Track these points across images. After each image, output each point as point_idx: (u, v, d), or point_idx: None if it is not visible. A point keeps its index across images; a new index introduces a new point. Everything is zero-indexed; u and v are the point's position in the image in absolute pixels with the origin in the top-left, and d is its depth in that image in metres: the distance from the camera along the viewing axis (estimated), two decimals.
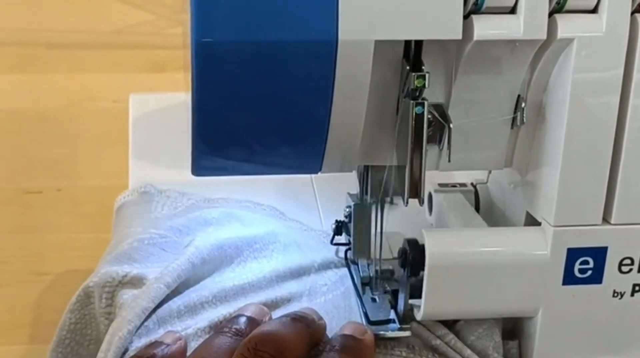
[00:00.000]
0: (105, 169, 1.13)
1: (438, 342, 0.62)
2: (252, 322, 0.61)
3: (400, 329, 0.62)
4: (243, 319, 0.61)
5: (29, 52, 1.34)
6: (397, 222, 0.68)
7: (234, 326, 0.60)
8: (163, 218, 0.75)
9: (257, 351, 0.54)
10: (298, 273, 0.69)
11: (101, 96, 1.27)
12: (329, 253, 0.72)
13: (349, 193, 0.69)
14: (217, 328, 0.62)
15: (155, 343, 0.61)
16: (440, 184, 0.73)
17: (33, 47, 1.35)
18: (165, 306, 0.65)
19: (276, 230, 0.73)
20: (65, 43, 1.37)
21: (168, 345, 0.60)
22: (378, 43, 0.53)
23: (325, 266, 0.70)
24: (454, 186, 0.73)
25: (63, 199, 1.10)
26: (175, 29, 1.31)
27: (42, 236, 1.06)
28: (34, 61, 1.33)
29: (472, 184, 0.73)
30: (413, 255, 0.60)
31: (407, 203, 0.58)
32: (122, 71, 1.31)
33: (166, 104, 0.90)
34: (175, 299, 0.65)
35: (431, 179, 0.73)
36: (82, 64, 1.32)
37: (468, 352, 0.62)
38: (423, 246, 0.60)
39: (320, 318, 0.62)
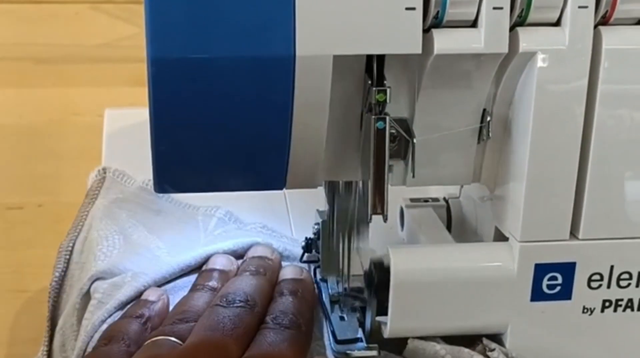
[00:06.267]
0: (86, 186, 1.12)
1: None
2: (223, 275, 0.66)
3: (367, 348, 0.62)
4: (215, 274, 0.66)
5: (16, 67, 1.34)
6: (370, 238, 0.67)
7: (208, 283, 0.64)
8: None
9: (229, 302, 0.59)
10: None
11: (87, 111, 1.26)
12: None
13: (318, 210, 0.68)
14: (192, 286, 0.65)
15: (141, 302, 0.63)
16: (412, 200, 0.72)
17: (20, 62, 1.35)
18: None
19: None
20: (52, 57, 1.36)
21: (153, 302, 0.62)
22: (338, 58, 0.52)
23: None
24: (426, 201, 0.72)
25: (43, 216, 1.10)
26: None
27: (22, 253, 1.05)
28: (21, 75, 1.33)
29: (444, 199, 0.72)
30: (378, 276, 0.59)
31: (370, 219, 0.57)
32: (108, 85, 1.30)
33: (142, 119, 0.89)
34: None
35: (404, 194, 0.72)
36: (69, 78, 1.32)
37: None
38: (388, 267, 0.59)
39: (273, 252, 0.69)
